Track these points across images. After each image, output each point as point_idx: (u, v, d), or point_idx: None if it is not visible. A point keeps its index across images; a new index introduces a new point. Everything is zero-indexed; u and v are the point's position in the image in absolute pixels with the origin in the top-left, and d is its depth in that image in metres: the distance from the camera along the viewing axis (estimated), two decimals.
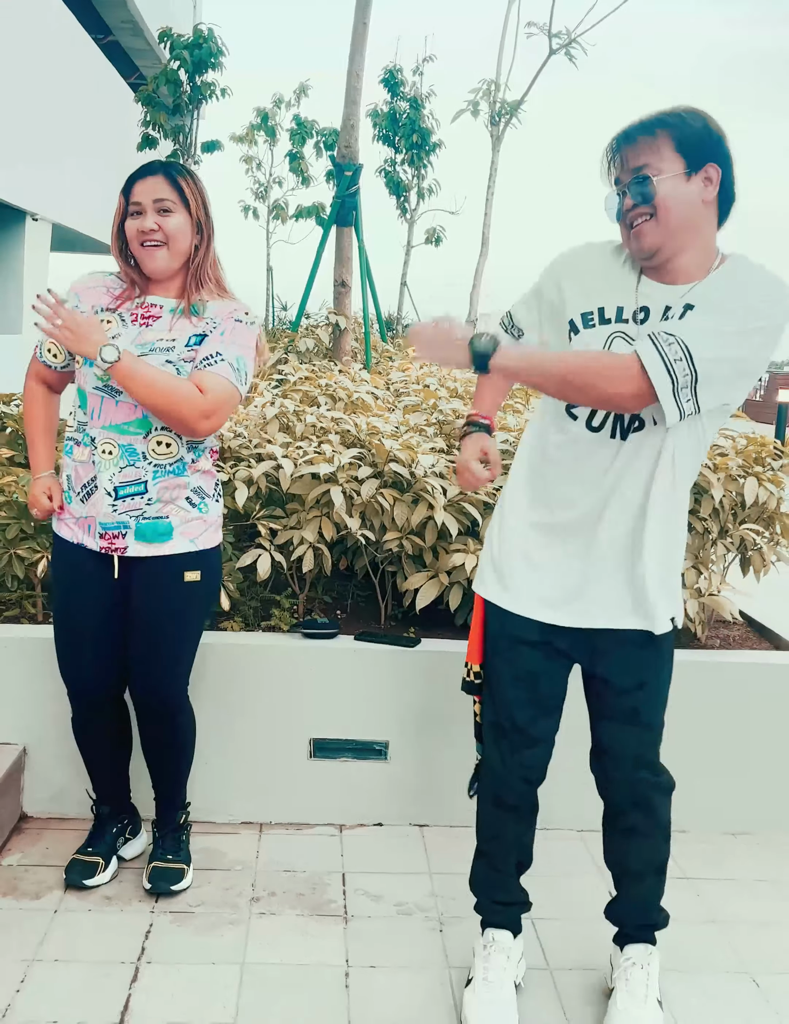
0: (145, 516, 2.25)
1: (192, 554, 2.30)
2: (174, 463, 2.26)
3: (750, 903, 2.53)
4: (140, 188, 2.23)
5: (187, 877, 2.46)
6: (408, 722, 2.81)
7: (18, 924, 2.28)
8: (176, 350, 2.23)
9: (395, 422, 3.39)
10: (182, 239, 2.24)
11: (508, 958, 2.08)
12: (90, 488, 2.26)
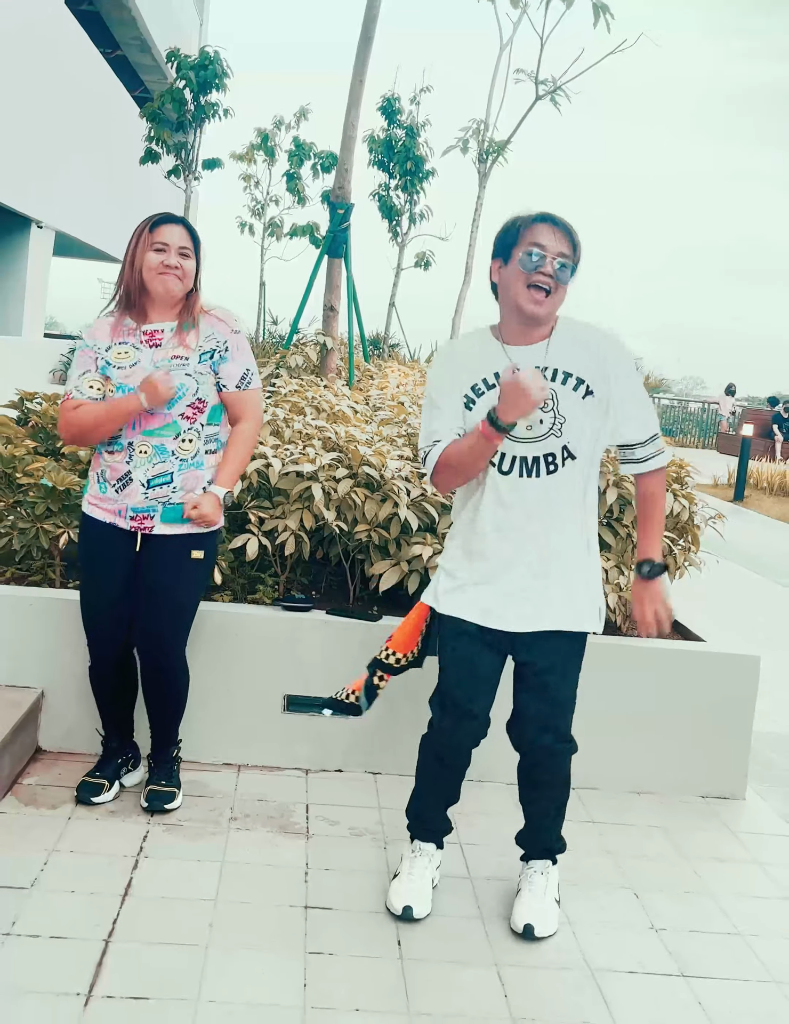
0: (170, 501, 2.79)
1: (200, 535, 2.84)
2: (194, 456, 2.81)
3: (641, 841, 3.06)
4: (167, 231, 2.80)
5: (177, 799, 2.97)
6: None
7: (39, 825, 2.78)
8: (191, 364, 2.79)
9: (370, 432, 3.92)
10: (191, 277, 2.83)
11: (429, 861, 2.61)
12: (125, 481, 2.79)
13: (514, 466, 2.38)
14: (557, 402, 2.36)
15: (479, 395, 2.41)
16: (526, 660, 2.47)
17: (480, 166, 10.36)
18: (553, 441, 2.36)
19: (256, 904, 2.50)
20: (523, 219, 2.38)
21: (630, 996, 2.28)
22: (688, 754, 3.43)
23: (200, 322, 2.85)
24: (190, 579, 2.87)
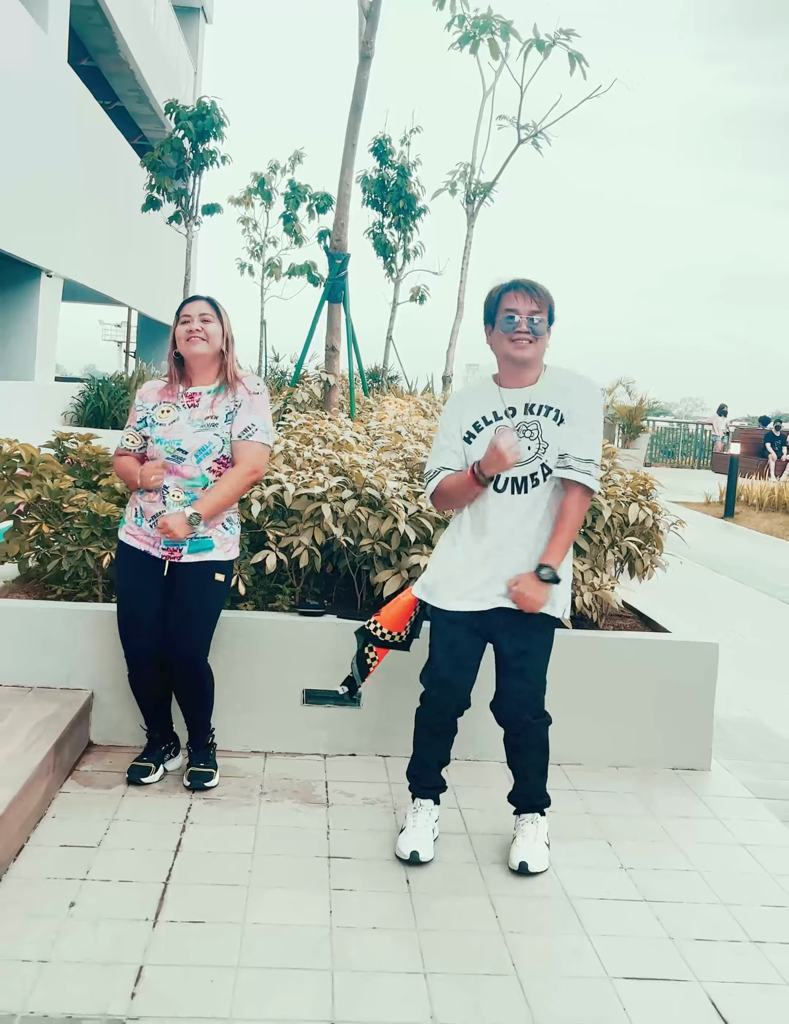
0: (196, 536, 3.29)
1: (222, 562, 3.35)
2: None
3: (616, 804, 3.52)
4: (189, 307, 3.36)
5: (215, 778, 3.45)
6: (376, 679, 3.80)
7: (99, 801, 3.26)
8: (219, 425, 3.32)
9: (371, 458, 4.43)
10: (216, 339, 3.35)
11: (429, 815, 3.09)
12: (158, 517, 3.28)
13: (507, 485, 2.92)
14: (541, 431, 2.90)
15: (478, 430, 2.96)
16: (504, 648, 2.97)
17: (468, 207, 10.97)
18: (537, 463, 2.90)
19: (287, 856, 2.98)
20: (497, 288, 2.95)
21: (598, 915, 2.75)
22: (659, 732, 3.90)
23: (235, 388, 3.36)
24: (214, 599, 3.38)
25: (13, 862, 2.82)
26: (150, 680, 3.47)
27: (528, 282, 2.92)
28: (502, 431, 2.85)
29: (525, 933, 2.64)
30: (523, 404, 2.91)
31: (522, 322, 2.87)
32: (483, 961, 2.50)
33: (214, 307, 3.36)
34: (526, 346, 2.88)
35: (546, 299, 2.92)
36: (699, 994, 2.41)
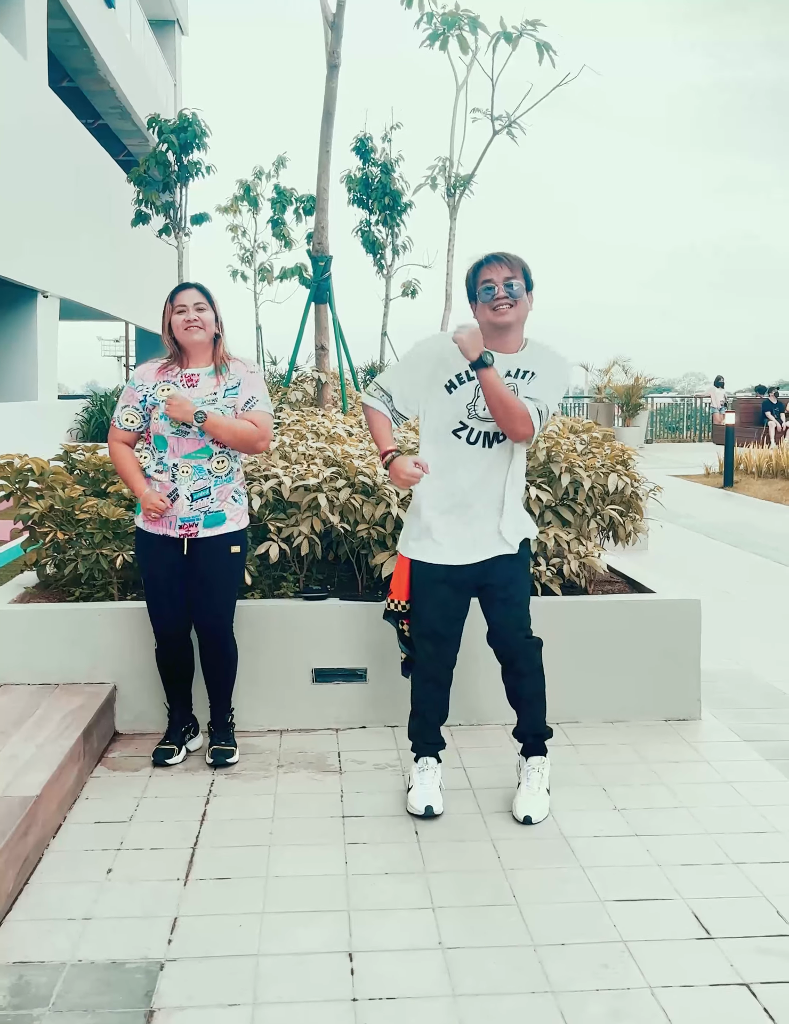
0: (209, 510, 3.54)
1: (236, 533, 3.61)
2: (227, 473, 3.57)
3: (611, 754, 3.76)
4: (183, 296, 3.58)
5: (236, 755, 3.70)
6: (380, 653, 4.05)
7: (127, 783, 3.52)
8: (218, 401, 3.56)
9: (362, 448, 4.67)
10: (210, 326, 3.59)
11: (435, 773, 3.33)
12: (172, 496, 3.54)
13: (479, 439, 3.17)
14: (517, 393, 3.14)
15: (461, 383, 3.19)
16: (489, 582, 3.23)
17: (449, 200, 11.18)
18: None
19: (304, 818, 3.23)
20: (473, 266, 3.21)
21: (592, 849, 2.99)
22: (651, 686, 4.13)
23: (230, 367, 3.62)
24: (232, 568, 3.64)
25: (53, 839, 3.07)
26: (176, 658, 3.72)
27: (499, 253, 3.17)
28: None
29: (524, 869, 2.88)
30: (504, 369, 3.15)
31: (499, 289, 3.11)
32: (485, 894, 2.74)
33: (206, 295, 3.58)
34: (507, 311, 3.11)
35: (518, 263, 3.16)
36: (683, 909, 2.65)
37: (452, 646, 3.29)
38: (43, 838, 2.99)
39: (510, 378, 3.15)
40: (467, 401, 3.18)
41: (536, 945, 2.49)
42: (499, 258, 3.14)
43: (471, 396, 3.17)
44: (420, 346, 3.33)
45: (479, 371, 3.03)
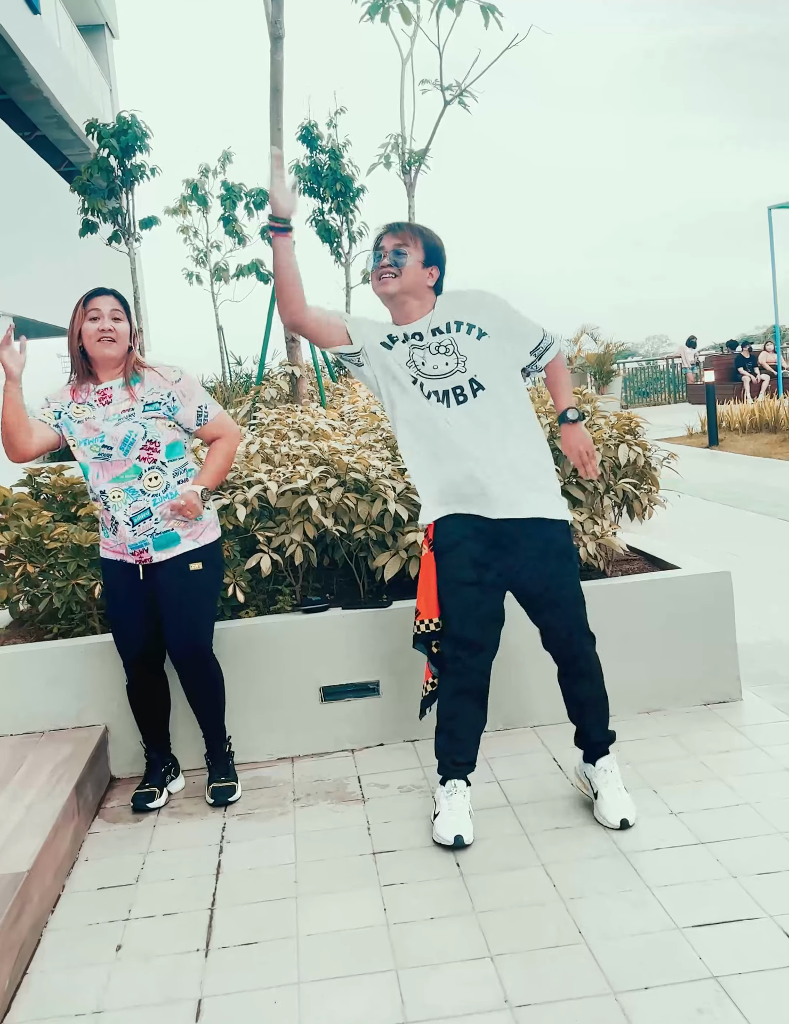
0: (156, 532, 3.21)
1: (195, 551, 3.26)
2: (164, 489, 3.22)
3: (654, 749, 3.44)
4: (98, 302, 3.22)
5: (238, 790, 3.37)
6: (391, 664, 3.72)
7: (130, 836, 3.17)
8: (136, 414, 3.21)
9: (350, 443, 4.32)
10: (125, 338, 3.24)
11: (464, 797, 2.99)
12: (114, 525, 3.22)
13: (446, 397, 2.90)
14: (456, 345, 2.89)
15: (393, 343, 2.95)
16: (530, 587, 2.93)
17: (405, 177, 10.82)
18: (459, 376, 2.88)
19: (330, 859, 2.89)
20: (376, 235, 2.98)
21: (656, 865, 2.67)
22: (686, 669, 3.82)
23: (144, 376, 3.26)
24: (196, 587, 3.28)
25: (52, 913, 2.73)
26: (149, 692, 3.41)
27: (401, 222, 2.96)
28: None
29: (585, 897, 2.56)
30: (427, 329, 2.92)
31: (386, 257, 2.89)
32: (547, 933, 2.42)
33: (123, 304, 3.25)
34: (389, 280, 2.89)
35: (418, 235, 2.93)
36: (772, 930, 2.34)
37: (489, 653, 2.97)
38: (40, 917, 2.65)
39: (440, 335, 2.90)
40: (404, 360, 2.94)
41: (616, 992, 2.17)
42: (396, 227, 2.95)
43: (406, 353, 2.94)
44: (361, 320, 3.10)
45: (565, 426, 3.01)
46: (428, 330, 2.92)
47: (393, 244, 2.90)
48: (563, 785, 3.24)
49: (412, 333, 2.94)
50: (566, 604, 2.96)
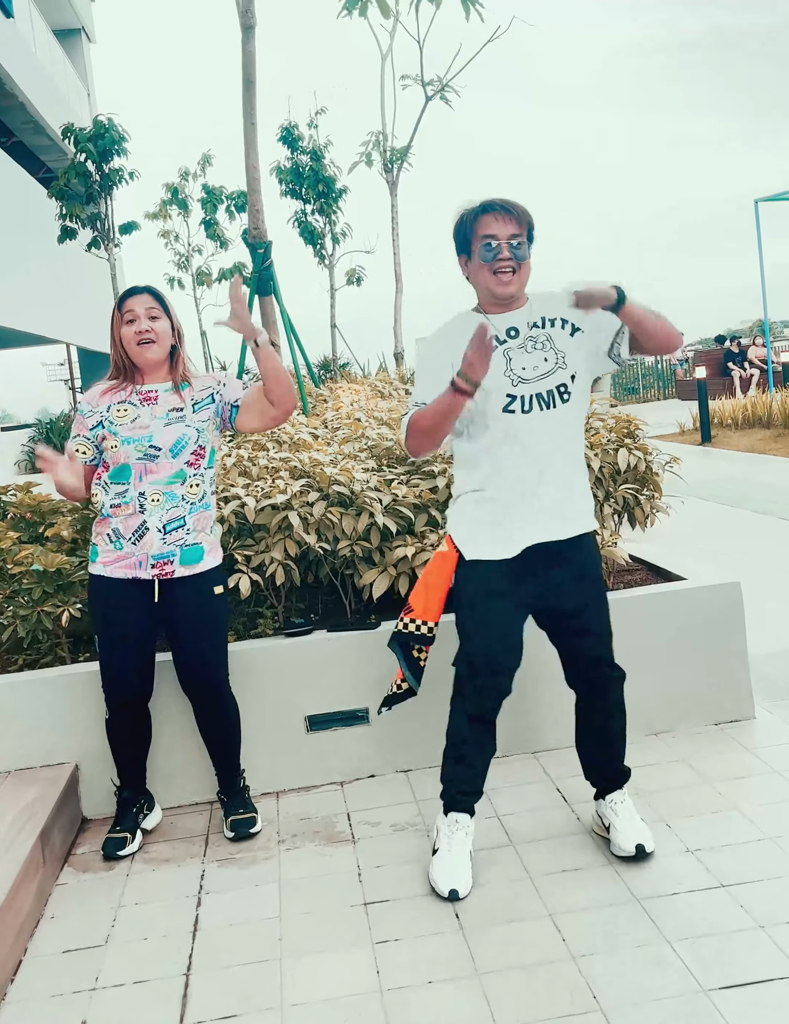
0: (185, 544, 2.99)
1: (217, 569, 3.07)
2: (201, 499, 3.02)
3: (664, 776, 3.21)
4: (132, 302, 3.01)
5: (258, 822, 3.16)
6: (382, 689, 3.46)
7: (101, 888, 2.92)
8: (187, 416, 3.01)
9: (332, 453, 4.08)
10: (166, 338, 3.03)
11: (466, 835, 2.75)
12: (140, 531, 2.97)
13: (533, 404, 2.62)
14: (553, 341, 2.64)
15: None
16: (559, 607, 2.70)
17: (387, 176, 10.60)
18: (561, 373, 2.63)
19: (318, 912, 2.65)
20: (468, 213, 2.63)
21: (675, 914, 2.43)
22: (694, 687, 3.59)
23: (193, 383, 3.08)
24: (218, 610, 3.10)
25: (12, 983, 2.47)
26: (134, 730, 3.16)
27: (502, 201, 2.60)
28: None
29: (598, 954, 2.32)
30: (524, 323, 2.66)
31: (504, 249, 2.57)
32: (559, 1000, 2.18)
33: (159, 300, 3.03)
34: (510, 279, 2.60)
35: (524, 217, 2.62)
36: None
37: (509, 677, 2.73)
38: None
39: (537, 330, 2.65)
40: (502, 370, 2.64)
41: None
42: (506, 208, 2.59)
43: (503, 363, 2.64)
44: (429, 347, 2.79)
45: (621, 309, 2.49)
46: (525, 323, 2.66)
47: (508, 233, 2.57)
48: (568, 820, 3.00)
49: (508, 330, 2.65)
50: (598, 631, 2.75)
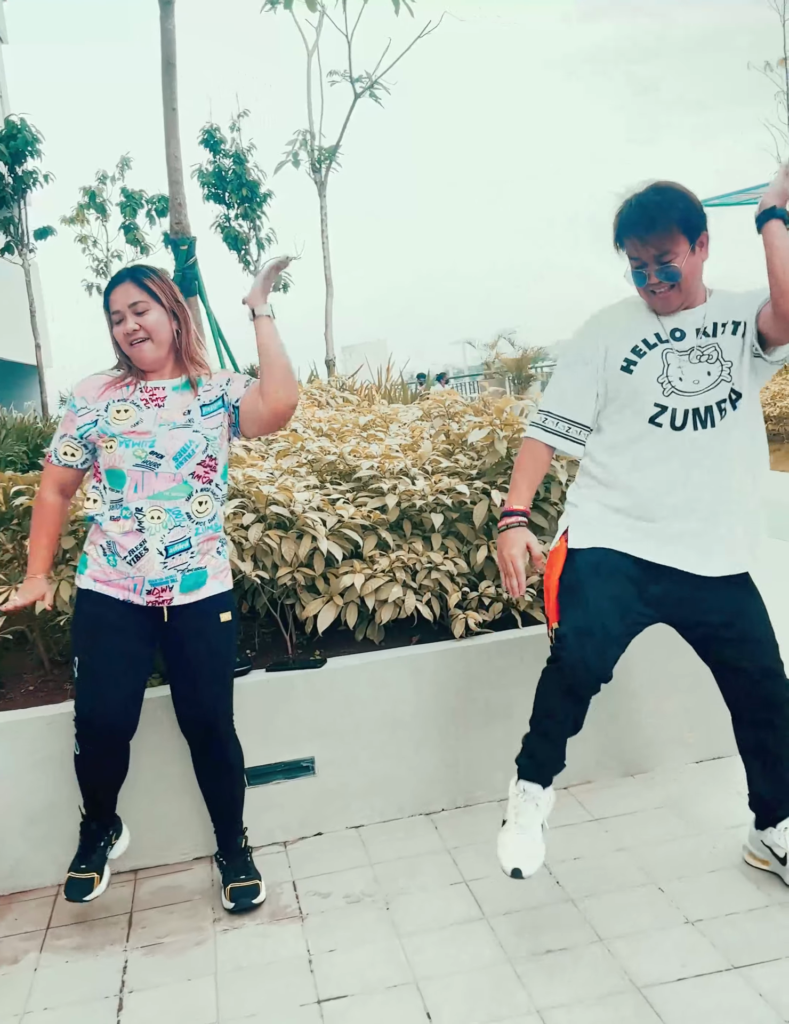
0: (189, 568, 2.56)
1: (224, 595, 2.64)
2: (211, 519, 2.60)
3: (650, 827, 2.87)
4: (115, 297, 2.58)
5: (262, 890, 2.72)
6: (328, 735, 3.08)
7: (4, 986, 2.46)
8: (195, 422, 2.58)
9: (269, 468, 3.67)
10: (162, 330, 2.58)
11: (537, 806, 2.37)
12: (139, 552, 2.53)
13: (687, 420, 2.34)
14: (721, 352, 2.34)
15: (641, 355, 2.37)
16: (705, 619, 2.39)
17: (315, 176, 10.24)
18: (723, 387, 2.34)
19: (264, 1013, 2.24)
20: (617, 217, 2.35)
21: (684, 1009, 2.08)
22: (670, 722, 3.27)
23: (204, 379, 2.65)
24: (225, 645, 2.67)
25: None
26: (109, 768, 2.68)
27: (645, 218, 2.28)
28: None
29: None
30: (693, 328, 2.37)
31: (651, 276, 2.32)
32: None
33: (144, 287, 2.57)
34: (670, 296, 2.34)
35: (672, 223, 2.27)
36: None
37: (616, 652, 2.36)
38: None
39: (706, 338, 2.35)
40: (656, 374, 2.34)
41: None
42: (645, 229, 2.27)
43: (660, 366, 2.34)
44: (573, 340, 2.50)
45: (768, 223, 2.21)
46: (694, 329, 2.37)
47: (651, 254, 2.29)
48: (543, 884, 2.63)
49: (672, 330, 2.37)
50: (754, 642, 2.42)
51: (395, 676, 3.11)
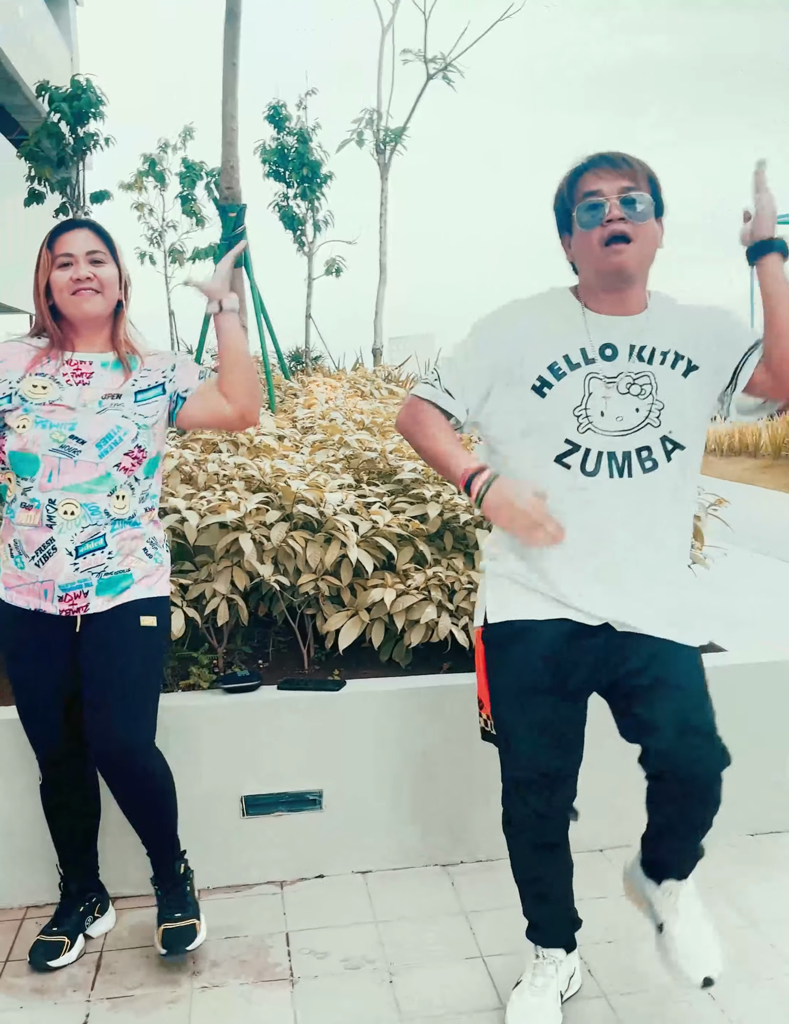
0: (107, 571, 2.21)
1: (148, 600, 2.27)
2: (132, 517, 2.25)
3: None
4: (68, 239, 2.24)
5: (200, 933, 2.34)
6: (340, 768, 2.74)
7: None
8: (126, 405, 2.23)
9: (301, 462, 3.34)
10: (113, 288, 2.27)
11: (556, 970, 2.11)
12: (47, 551, 2.19)
13: (600, 465, 1.90)
14: (655, 386, 1.93)
15: (559, 376, 1.92)
16: (627, 667, 1.96)
17: (379, 157, 9.88)
18: (649, 432, 1.92)
19: None
20: (569, 173, 1.94)
21: None
22: (726, 786, 2.89)
23: (140, 359, 2.31)
24: (144, 652, 2.27)
25: None
26: (71, 794, 2.40)
27: (613, 153, 1.90)
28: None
29: None
30: (627, 343, 1.93)
31: (612, 207, 1.87)
32: None
33: (105, 239, 2.26)
34: (624, 248, 1.86)
35: (643, 170, 1.91)
36: None
37: (571, 786, 2.05)
38: None
39: (639, 363, 1.92)
40: (574, 404, 1.92)
41: None
42: (613, 160, 1.89)
43: (579, 394, 1.91)
44: (481, 328, 2.02)
45: (764, 258, 1.90)
46: (628, 345, 1.94)
47: (619, 187, 1.88)
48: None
49: (601, 347, 1.93)
50: (676, 689, 1.97)
51: (421, 707, 2.77)
